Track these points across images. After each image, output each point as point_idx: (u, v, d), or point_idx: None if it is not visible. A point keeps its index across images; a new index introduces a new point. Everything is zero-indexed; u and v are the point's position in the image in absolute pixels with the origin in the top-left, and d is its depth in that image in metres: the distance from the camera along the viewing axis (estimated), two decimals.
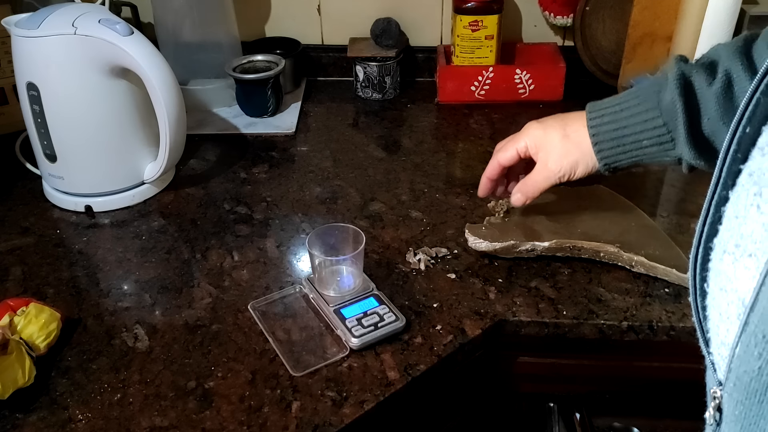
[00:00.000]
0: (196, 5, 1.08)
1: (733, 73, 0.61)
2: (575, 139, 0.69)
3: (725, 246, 0.36)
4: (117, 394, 0.61)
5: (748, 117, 0.35)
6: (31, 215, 0.87)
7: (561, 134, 0.70)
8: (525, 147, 0.72)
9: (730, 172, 0.36)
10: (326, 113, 1.14)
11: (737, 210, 0.35)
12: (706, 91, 0.62)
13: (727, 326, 0.35)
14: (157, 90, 0.80)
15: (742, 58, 0.61)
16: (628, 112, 0.66)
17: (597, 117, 0.68)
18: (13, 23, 0.81)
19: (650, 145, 0.65)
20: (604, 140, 0.67)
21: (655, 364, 0.76)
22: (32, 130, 0.85)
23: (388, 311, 0.68)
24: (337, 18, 1.22)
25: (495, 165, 0.75)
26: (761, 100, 0.35)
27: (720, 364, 0.37)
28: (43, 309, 0.64)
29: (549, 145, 0.70)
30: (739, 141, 0.36)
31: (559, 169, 0.70)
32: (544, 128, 0.71)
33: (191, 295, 0.73)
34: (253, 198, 0.90)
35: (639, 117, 0.65)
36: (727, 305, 0.35)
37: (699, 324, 0.39)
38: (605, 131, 0.67)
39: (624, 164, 0.68)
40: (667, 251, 0.74)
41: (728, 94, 0.61)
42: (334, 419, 0.59)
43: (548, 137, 0.71)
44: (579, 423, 0.77)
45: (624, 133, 0.66)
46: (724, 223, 0.37)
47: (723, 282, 0.36)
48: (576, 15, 1.14)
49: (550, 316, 0.70)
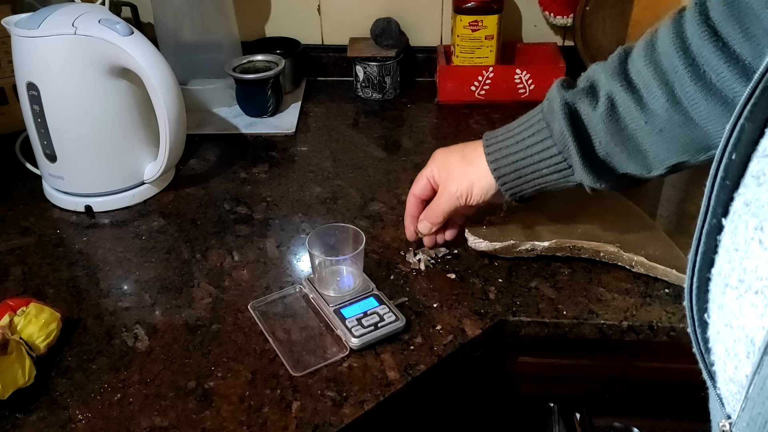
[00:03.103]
0: (196, 5, 1.08)
1: (614, 95, 0.60)
2: (472, 160, 0.69)
3: (727, 279, 0.35)
4: (117, 394, 0.61)
5: (733, 143, 0.35)
6: (31, 215, 0.87)
7: (459, 156, 0.70)
8: (431, 173, 0.72)
9: (719, 200, 0.36)
10: (326, 113, 1.14)
11: (736, 242, 0.35)
12: (592, 117, 0.62)
13: (735, 363, 0.35)
14: (157, 90, 0.80)
15: (620, 79, 0.60)
16: (523, 144, 0.65)
17: (495, 151, 0.67)
18: (13, 23, 0.81)
19: (549, 174, 0.65)
20: (505, 173, 0.67)
21: (655, 365, 0.76)
22: (32, 130, 0.85)
23: (388, 311, 0.68)
24: (337, 18, 1.22)
25: (412, 201, 0.75)
26: (746, 126, 0.35)
27: (729, 399, 0.36)
28: (43, 309, 0.64)
29: (450, 169, 0.70)
30: (726, 168, 0.35)
31: (456, 190, 0.69)
32: (447, 152, 0.72)
33: (191, 295, 0.73)
34: (253, 198, 0.91)
35: (535, 148, 0.65)
36: (734, 342, 0.34)
37: (701, 355, 0.38)
38: (505, 164, 0.66)
39: (529, 193, 0.68)
40: (667, 251, 0.74)
41: (613, 116, 0.61)
42: (334, 419, 0.59)
43: (449, 160, 0.71)
44: (579, 423, 0.77)
45: (523, 164, 0.66)
46: (721, 254, 0.36)
47: (728, 317, 0.35)
48: (576, 15, 1.14)
49: (550, 316, 0.70)
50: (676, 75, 0.57)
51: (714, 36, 0.54)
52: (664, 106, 0.58)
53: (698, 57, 0.55)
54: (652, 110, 0.59)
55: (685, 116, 0.57)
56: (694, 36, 0.55)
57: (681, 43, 0.56)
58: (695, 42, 0.55)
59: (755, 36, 0.52)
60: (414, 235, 0.76)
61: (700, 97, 0.56)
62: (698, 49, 0.55)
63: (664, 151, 0.60)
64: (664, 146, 0.60)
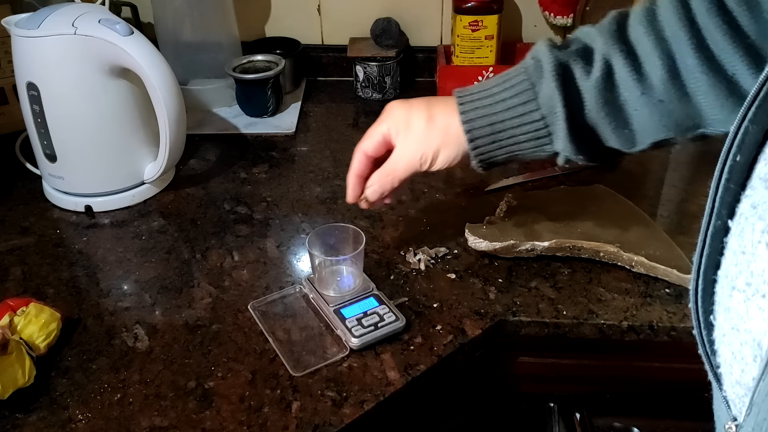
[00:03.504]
0: (196, 5, 1.08)
1: (612, 61, 0.57)
2: (440, 124, 0.62)
3: (734, 282, 0.35)
4: (117, 394, 0.61)
5: (737, 145, 0.35)
6: (31, 215, 0.87)
7: (426, 116, 0.63)
8: (387, 129, 0.64)
9: (723, 201, 0.36)
10: (326, 113, 1.14)
11: (743, 245, 0.34)
12: (585, 82, 0.57)
13: (741, 367, 0.34)
14: (157, 90, 0.80)
15: (620, 44, 0.56)
16: (503, 105, 0.60)
17: (470, 110, 0.61)
18: (13, 23, 0.81)
19: (526, 140, 0.60)
20: (480, 136, 0.61)
21: (656, 365, 0.76)
22: (32, 130, 0.85)
23: (388, 311, 0.68)
24: (337, 18, 1.22)
25: (360, 158, 0.67)
26: (750, 128, 0.34)
27: (735, 401, 0.36)
28: (43, 309, 0.64)
29: (411, 127, 0.63)
30: (730, 170, 0.35)
31: (421, 154, 0.63)
32: (408, 109, 0.64)
33: (191, 295, 0.73)
34: (253, 198, 0.90)
35: (516, 110, 0.59)
36: (740, 345, 0.34)
37: (707, 357, 0.38)
38: (480, 126, 0.61)
39: (500, 160, 0.63)
40: (667, 251, 0.74)
41: (608, 83, 0.57)
42: (334, 419, 0.59)
43: (412, 118, 0.63)
44: (579, 423, 0.77)
45: (501, 128, 0.60)
46: (727, 256, 0.36)
47: (734, 320, 0.35)
48: (576, 15, 1.14)
49: (550, 316, 0.70)
50: (679, 46, 0.54)
51: (721, 9, 0.52)
52: (663, 78, 0.55)
53: (703, 29, 0.53)
54: (649, 81, 0.56)
55: (682, 90, 0.55)
56: (700, 7, 0.53)
57: (686, 13, 0.54)
58: (701, 13, 0.53)
59: (762, 17, 0.50)
60: (356, 198, 0.69)
61: (700, 71, 0.53)
62: (703, 21, 0.53)
63: (653, 125, 0.58)
64: (656, 119, 0.57)
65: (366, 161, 0.67)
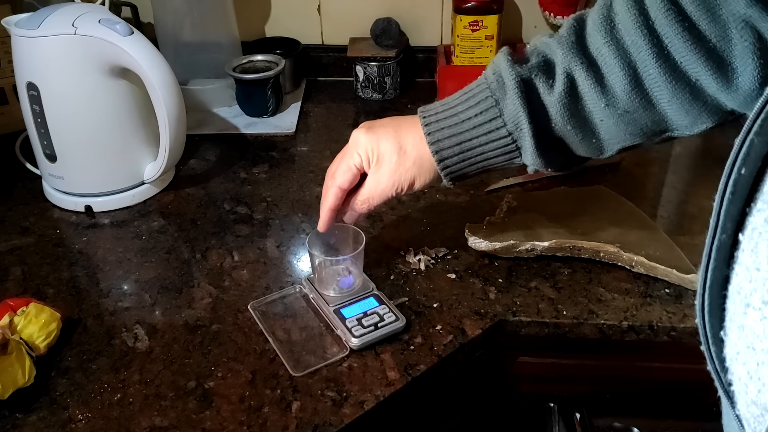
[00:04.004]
0: (196, 5, 1.08)
1: (574, 74, 0.56)
2: (411, 154, 0.63)
3: (748, 299, 0.34)
4: (117, 394, 0.61)
5: (742, 158, 0.34)
6: (31, 215, 0.87)
7: (395, 147, 0.63)
8: (360, 161, 0.65)
9: (728, 215, 0.35)
10: (326, 113, 1.14)
11: (757, 261, 0.33)
12: (549, 97, 0.57)
13: (758, 387, 0.33)
14: (157, 90, 0.80)
15: (579, 56, 0.56)
16: (468, 124, 0.60)
17: (436, 130, 0.61)
18: (13, 23, 0.81)
19: (495, 156, 0.61)
20: (447, 156, 0.62)
21: (656, 365, 0.76)
22: (32, 130, 0.85)
23: (388, 311, 0.68)
24: (337, 18, 1.22)
25: (336, 193, 0.67)
26: (755, 140, 0.34)
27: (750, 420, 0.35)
28: (43, 309, 0.64)
29: (382, 158, 0.64)
30: (735, 183, 0.34)
31: (393, 184, 0.64)
32: (376, 138, 0.64)
33: (191, 295, 0.73)
34: (253, 198, 0.91)
35: (482, 128, 0.60)
36: (757, 365, 0.33)
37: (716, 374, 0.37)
38: (447, 146, 0.61)
39: (471, 175, 0.64)
40: (667, 252, 0.74)
41: (572, 98, 0.57)
42: (334, 419, 0.59)
43: (381, 149, 0.64)
44: (579, 423, 0.77)
45: (468, 146, 0.61)
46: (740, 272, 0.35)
47: (750, 339, 0.34)
48: None
49: (550, 316, 0.70)
50: (639, 55, 0.53)
51: (679, 15, 0.51)
52: (626, 88, 0.55)
53: (663, 36, 0.52)
54: (613, 92, 0.55)
55: (646, 99, 0.55)
56: (658, 15, 0.52)
57: (644, 20, 0.53)
58: (659, 21, 0.52)
59: (721, 18, 0.50)
60: (329, 226, 0.69)
61: (663, 79, 0.53)
62: (662, 28, 0.52)
63: (621, 134, 0.58)
64: (621, 129, 0.57)
65: (341, 195, 0.68)
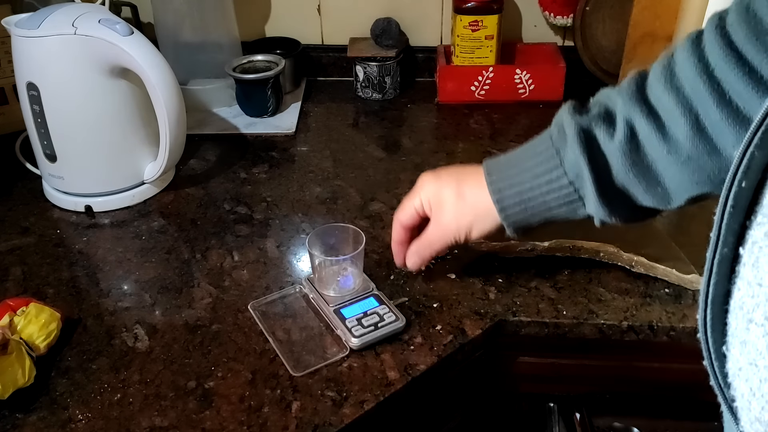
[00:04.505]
0: (196, 5, 1.08)
1: (634, 122, 0.57)
2: (470, 201, 0.64)
3: (750, 315, 0.34)
4: (117, 394, 0.61)
5: (743, 171, 0.34)
6: (31, 215, 0.87)
7: (455, 193, 0.65)
8: (420, 204, 0.67)
9: (729, 228, 0.35)
10: (326, 113, 1.14)
11: (759, 276, 0.33)
12: (609, 145, 0.58)
13: (761, 404, 0.33)
14: (157, 90, 0.80)
15: (639, 105, 0.56)
16: (530, 173, 0.61)
17: (498, 180, 0.62)
18: (13, 23, 0.81)
19: (558, 206, 0.61)
20: (509, 205, 0.62)
21: (655, 365, 0.76)
22: (32, 130, 0.85)
23: (388, 311, 0.68)
24: (337, 18, 1.22)
25: (398, 228, 0.70)
26: (756, 153, 0.34)
27: None
28: (43, 309, 0.64)
29: (443, 204, 0.65)
30: (735, 196, 0.34)
31: (455, 230, 0.65)
32: (439, 185, 0.66)
33: (191, 295, 0.73)
34: (253, 198, 0.91)
35: (543, 178, 0.60)
36: (760, 382, 0.33)
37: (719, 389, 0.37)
38: (509, 195, 0.62)
39: (534, 225, 0.64)
40: (667, 252, 0.74)
41: (633, 145, 0.57)
42: (334, 419, 0.59)
43: (442, 195, 0.65)
44: (579, 423, 0.77)
45: (529, 195, 0.61)
46: (741, 287, 0.34)
47: (752, 355, 0.33)
48: (576, 15, 1.14)
49: (550, 316, 0.70)
50: (700, 101, 0.53)
51: (739, 60, 0.51)
52: (688, 135, 0.54)
53: (723, 82, 0.52)
54: (674, 139, 0.55)
55: (710, 145, 0.54)
56: (718, 60, 0.52)
57: (704, 67, 0.53)
58: (719, 66, 0.52)
59: None
60: (403, 261, 0.71)
61: (725, 124, 0.52)
62: (723, 74, 0.52)
63: (686, 182, 0.57)
64: (686, 177, 0.56)
65: (403, 230, 0.70)
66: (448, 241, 0.67)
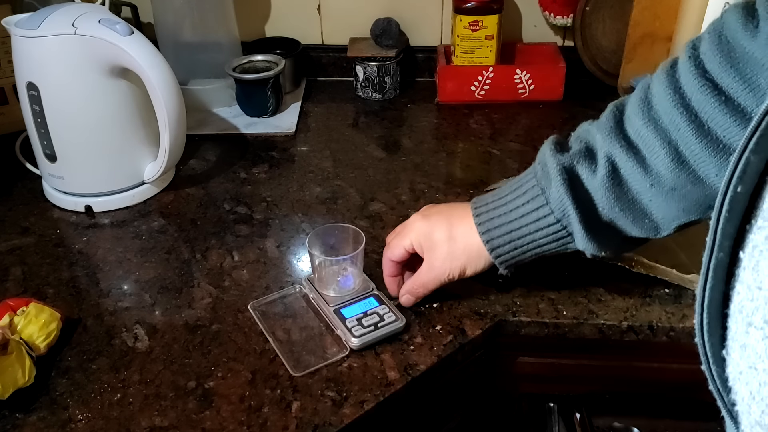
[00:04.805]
0: (196, 5, 1.08)
1: (615, 158, 0.57)
2: (462, 243, 0.65)
3: (750, 318, 0.34)
4: (117, 394, 0.61)
5: (738, 176, 0.34)
6: (31, 215, 0.87)
7: (446, 236, 0.65)
8: (410, 245, 0.67)
9: (725, 233, 0.35)
10: (326, 113, 1.14)
11: (759, 279, 0.33)
12: (592, 182, 0.58)
13: (761, 408, 0.33)
14: (157, 90, 0.80)
15: (618, 140, 0.57)
16: (517, 213, 0.62)
17: (486, 221, 0.63)
18: (13, 23, 0.81)
19: (547, 243, 0.62)
20: (500, 245, 0.63)
21: (655, 365, 0.76)
22: (32, 130, 0.85)
23: (388, 311, 0.68)
24: (337, 18, 1.22)
25: (387, 263, 0.70)
26: (751, 158, 0.34)
27: None
28: (43, 309, 0.64)
29: (435, 247, 0.66)
30: (731, 201, 0.34)
31: (447, 271, 0.66)
32: (430, 227, 0.66)
33: (191, 295, 0.73)
34: (253, 198, 0.91)
35: (530, 216, 0.61)
36: (760, 385, 0.33)
37: (718, 393, 0.37)
38: (499, 236, 0.63)
39: (526, 262, 0.65)
40: (666, 252, 0.74)
41: (615, 180, 0.57)
42: (334, 419, 0.59)
43: (434, 237, 0.66)
44: (579, 423, 0.77)
45: (519, 234, 0.62)
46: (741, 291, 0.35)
47: (752, 359, 0.33)
48: (576, 15, 1.14)
49: (550, 316, 0.70)
50: (679, 133, 0.54)
51: (715, 89, 0.51)
52: (669, 167, 0.55)
53: (701, 112, 0.52)
54: (656, 171, 0.56)
55: (693, 175, 0.54)
56: (693, 91, 0.52)
57: (680, 98, 0.53)
58: (695, 97, 0.52)
59: (759, 85, 0.49)
60: (397, 289, 0.71)
61: (706, 154, 0.53)
62: (699, 104, 0.52)
63: (673, 211, 0.57)
64: (673, 206, 0.57)
65: (394, 266, 0.70)
66: (442, 282, 0.67)
